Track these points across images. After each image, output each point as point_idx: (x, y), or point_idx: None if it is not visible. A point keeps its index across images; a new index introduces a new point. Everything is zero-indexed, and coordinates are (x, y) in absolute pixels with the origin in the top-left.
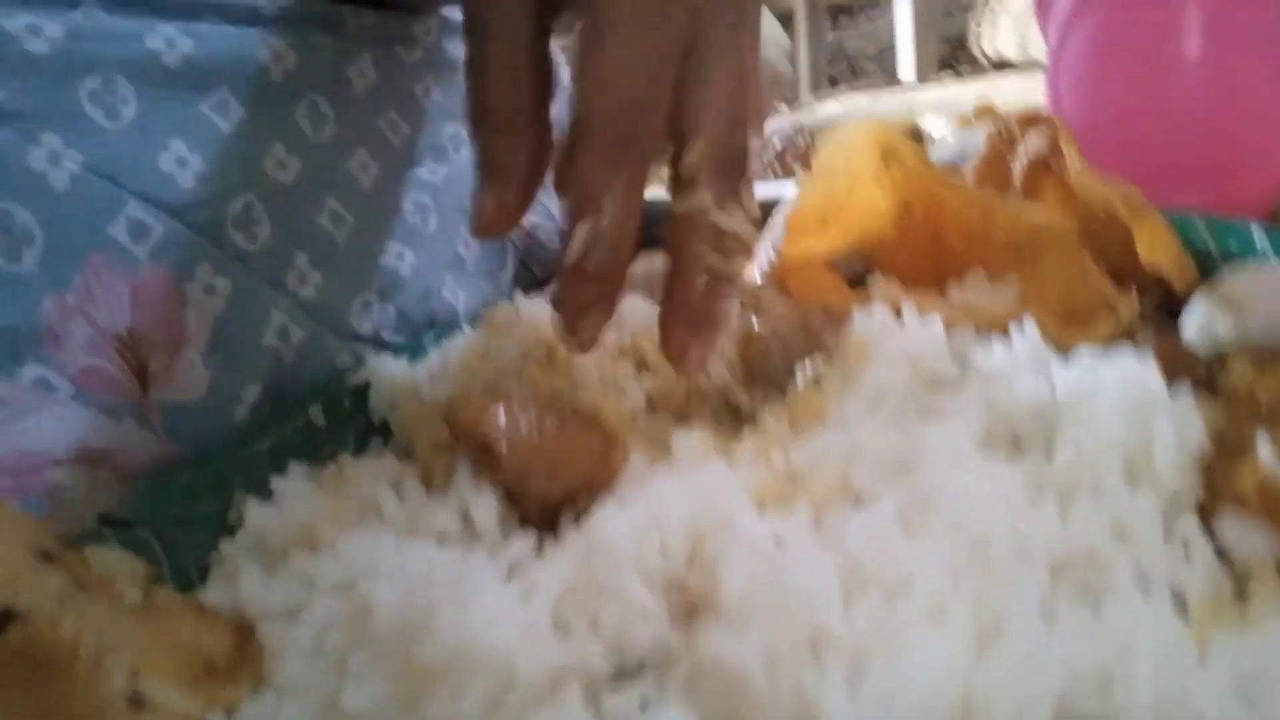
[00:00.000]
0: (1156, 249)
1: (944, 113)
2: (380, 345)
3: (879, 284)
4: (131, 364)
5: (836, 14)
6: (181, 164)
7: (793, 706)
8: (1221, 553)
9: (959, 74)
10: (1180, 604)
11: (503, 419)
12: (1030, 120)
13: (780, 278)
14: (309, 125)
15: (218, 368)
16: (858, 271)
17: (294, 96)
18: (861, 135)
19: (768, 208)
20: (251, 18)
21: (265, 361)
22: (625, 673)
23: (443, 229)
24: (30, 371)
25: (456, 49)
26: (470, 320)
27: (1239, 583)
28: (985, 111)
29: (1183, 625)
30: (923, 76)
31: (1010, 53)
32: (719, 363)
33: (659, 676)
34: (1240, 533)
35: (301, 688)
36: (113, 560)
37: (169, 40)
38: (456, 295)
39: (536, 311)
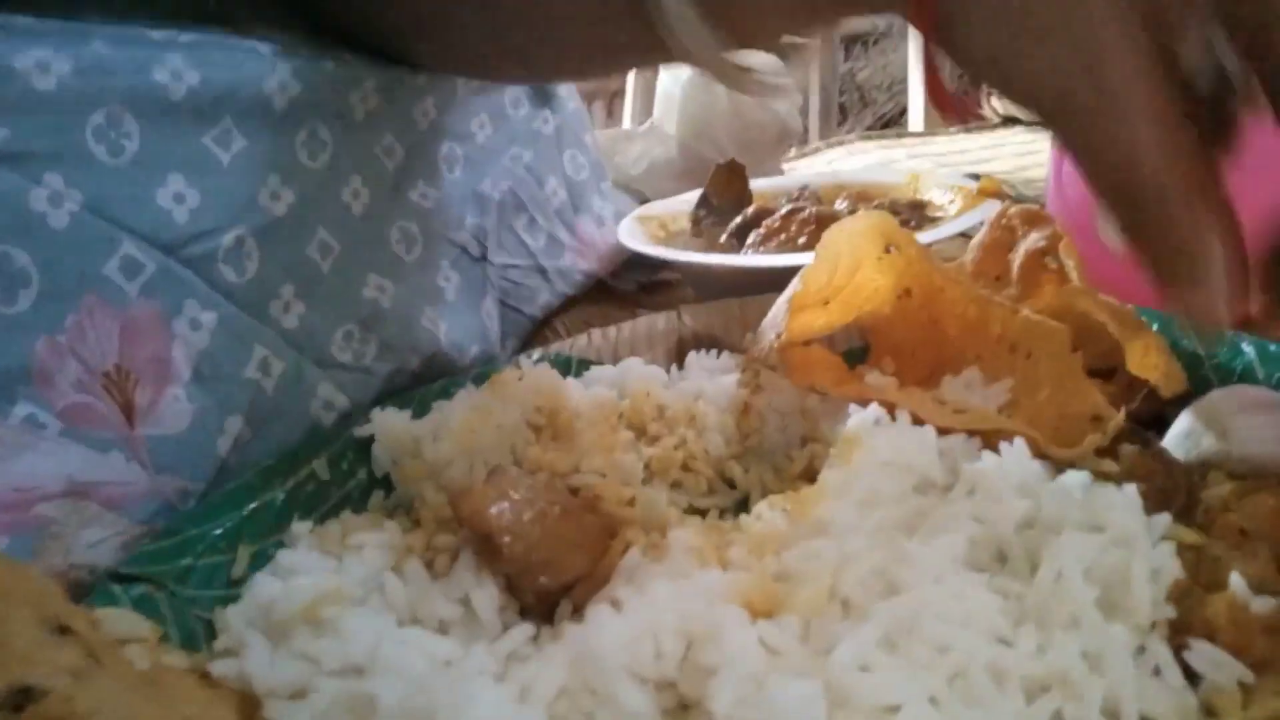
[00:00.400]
0: (1146, 365)
1: (950, 172)
2: (363, 373)
3: (876, 365)
4: (118, 399)
5: (850, 44)
6: (179, 200)
7: None
8: (1191, 677)
9: (968, 128)
10: None
11: (507, 512)
12: (1032, 218)
13: (782, 355)
14: (306, 154)
15: (201, 401)
16: (855, 348)
17: (296, 124)
18: (865, 224)
19: (786, 275)
20: (244, 53)
21: (247, 394)
22: None
23: (425, 259)
24: (20, 410)
25: None
26: (454, 348)
27: (1207, 708)
28: (990, 188)
29: None
30: (931, 125)
31: (1019, 112)
32: (716, 433)
33: None
34: (1210, 659)
35: None
36: (122, 622)
37: (176, 72)
38: (436, 325)
39: (536, 375)
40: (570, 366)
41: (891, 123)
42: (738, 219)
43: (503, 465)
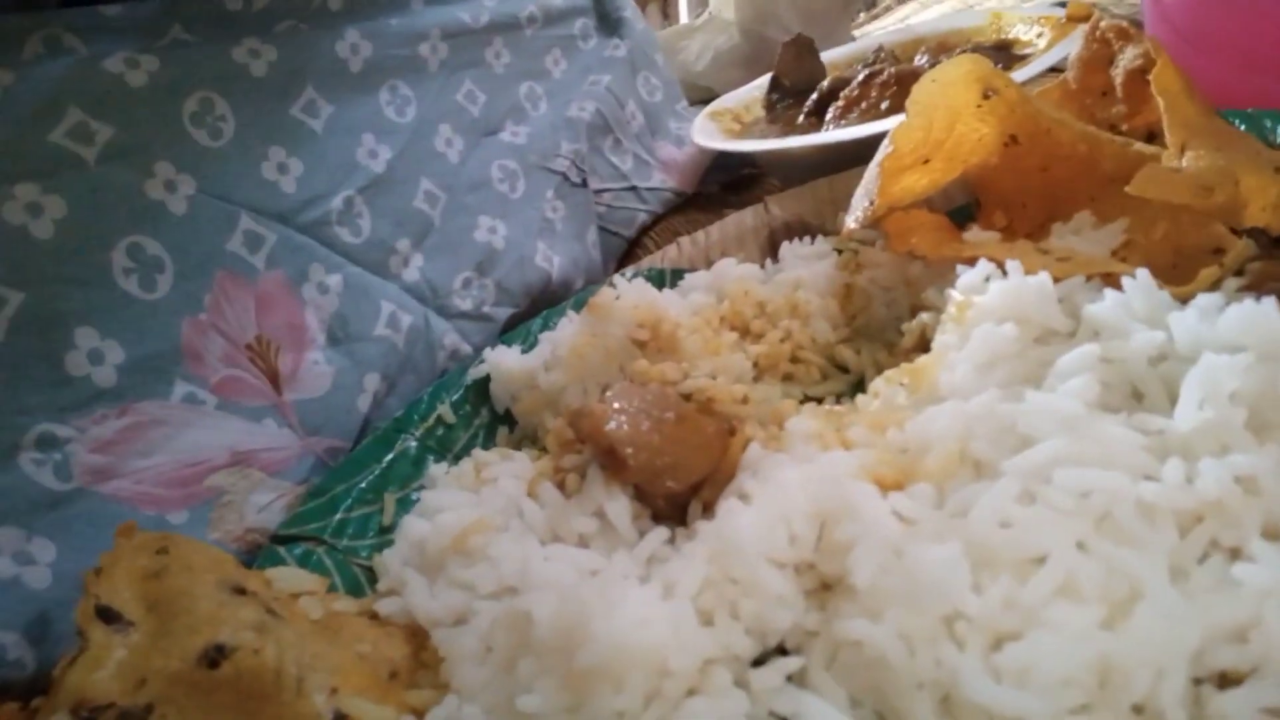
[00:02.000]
0: (1257, 198)
1: (1034, 3)
2: (481, 320)
3: (987, 220)
4: (264, 368)
5: None
6: (282, 170)
7: (933, 681)
8: None
9: None
10: None
11: (625, 425)
12: (1124, 34)
13: (880, 222)
14: (393, 110)
15: (339, 362)
16: (960, 205)
17: (375, 84)
18: (958, 71)
19: (873, 144)
20: (323, 13)
21: (380, 351)
22: (768, 653)
23: (530, 193)
24: (180, 390)
25: (519, 6)
26: (563, 283)
27: None
28: (1079, 13)
29: None
30: None
31: None
32: (821, 319)
33: (800, 655)
34: None
35: (478, 689)
36: (291, 578)
37: (253, 50)
38: (550, 260)
39: (633, 292)
40: (665, 279)
41: None
42: (814, 96)
43: (614, 382)
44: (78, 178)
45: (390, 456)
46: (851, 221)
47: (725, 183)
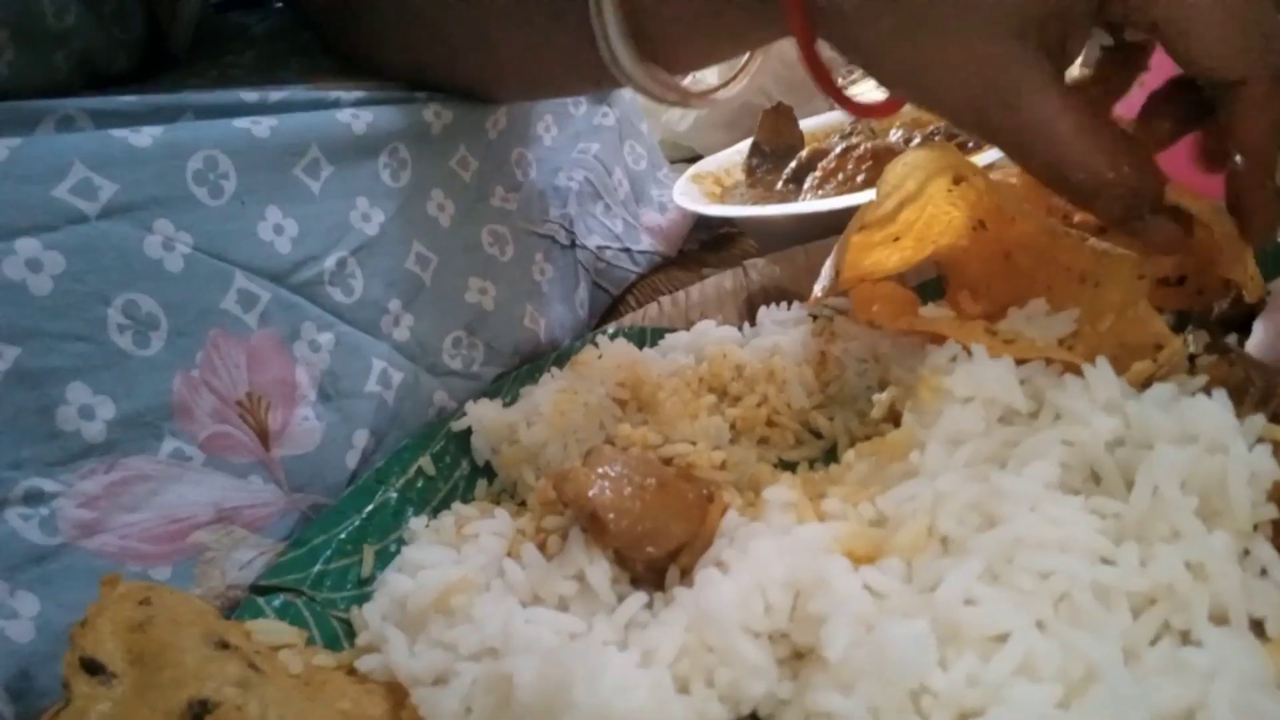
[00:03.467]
0: (1237, 270)
1: None
2: (470, 379)
3: (954, 298)
4: (253, 425)
5: None
6: (279, 230)
7: None
8: None
9: None
10: (1259, 631)
11: (608, 490)
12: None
13: (845, 290)
14: (389, 174)
15: (329, 418)
16: (929, 280)
17: (376, 148)
18: (929, 155)
19: (847, 215)
20: (333, 105)
21: (370, 407)
22: None
23: (519, 257)
24: (168, 445)
25: None
26: (550, 343)
27: None
28: None
29: (1262, 652)
30: None
31: None
32: (797, 385)
33: None
34: None
35: None
36: (271, 630)
37: (256, 119)
38: (537, 322)
39: (615, 351)
40: (645, 337)
41: None
42: (792, 163)
43: (597, 445)
44: (78, 233)
45: (370, 508)
46: (819, 289)
47: (705, 241)
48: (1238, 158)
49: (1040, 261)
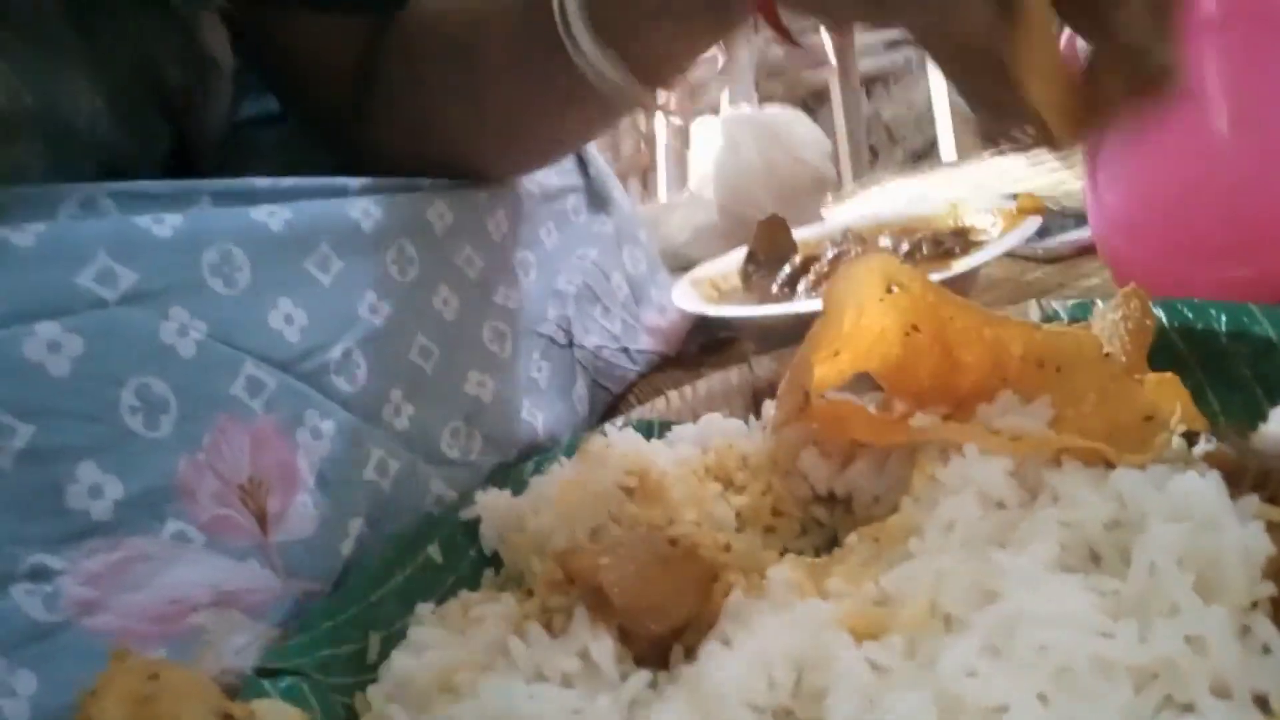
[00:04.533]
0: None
1: (989, 199)
2: (469, 468)
3: (884, 408)
4: (253, 509)
5: (870, 84)
6: (289, 320)
7: None
8: None
9: (1001, 150)
10: (1263, 706)
11: (613, 566)
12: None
13: (812, 415)
14: (396, 270)
15: (326, 505)
16: (874, 397)
17: (383, 244)
18: (864, 267)
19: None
20: (340, 191)
21: (367, 495)
22: None
23: (517, 354)
24: (170, 526)
25: (519, 182)
26: (549, 437)
27: None
28: (1029, 206)
29: None
30: (963, 149)
31: None
32: (799, 478)
33: None
34: None
35: None
36: (275, 712)
37: (271, 211)
38: (535, 416)
39: (623, 440)
40: (653, 429)
41: (922, 157)
42: (786, 269)
43: (603, 524)
44: (98, 318)
45: (378, 594)
46: (782, 416)
47: (703, 344)
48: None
49: (988, 355)
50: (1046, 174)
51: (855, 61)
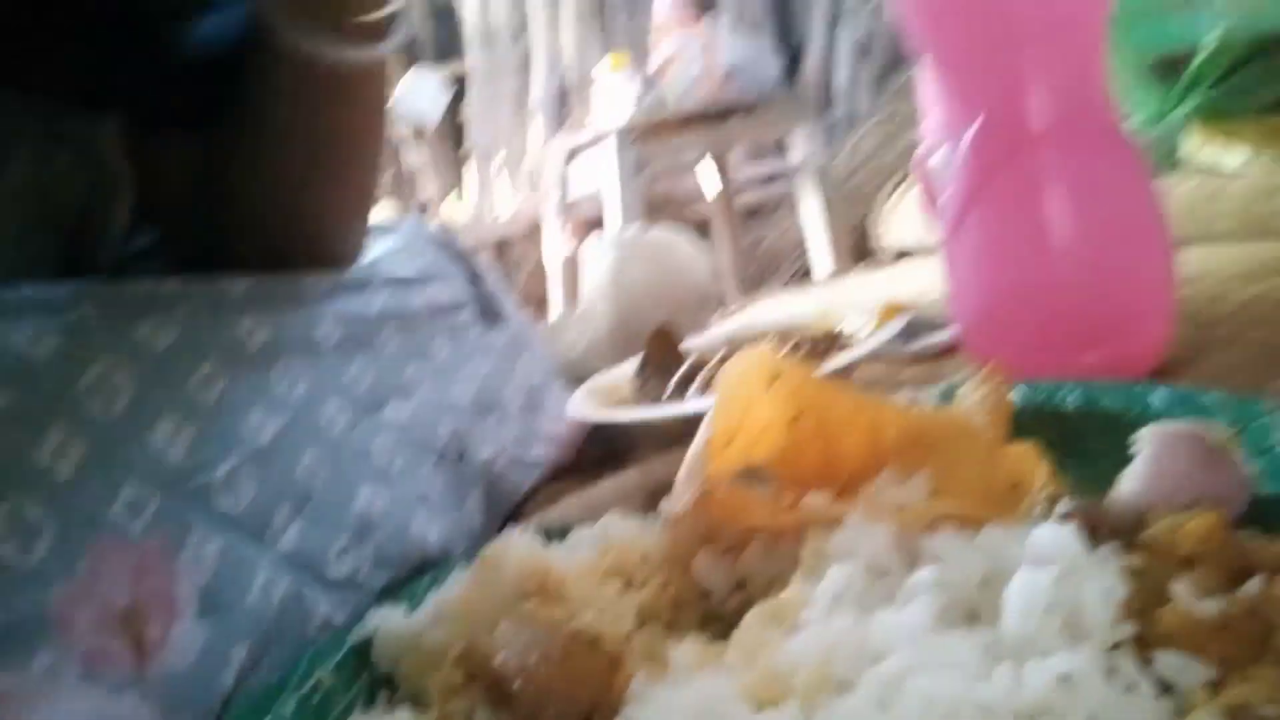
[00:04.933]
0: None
1: (859, 307)
2: (358, 589)
3: (773, 496)
4: (131, 639)
5: (749, 215)
6: (171, 440)
7: None
8: (1163, 686)
9: (870, 264)
10: None
11: (513, 658)
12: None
13: (707, 508)
14: (284, 386)
15: (207, 633)
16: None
17: (270, 361)
18: (748, 361)
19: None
20: (222, 299)
21: (250, 621)
22: None
23: (408, 468)
24: (42, 659)
25: (409, 298)
26: (443, 551)
27: (1181, 711)
28: (893, 309)
29: None
30: (840, 267)
31: (909, 242)
32: (702, 570)
33: None
34: (1175, 666)
35: None
36: None
37: (156, 326)
38: (428, 530)
39: (521, 547)
40: (552, 535)
41: (804, 279)
42: (677, 375)
43: (503, 621)
44: None
45: None
46: (679, 508)
47: (600, 455)
48: None
49: (867, 439)
50: (911, 284)
51: (732, 197)
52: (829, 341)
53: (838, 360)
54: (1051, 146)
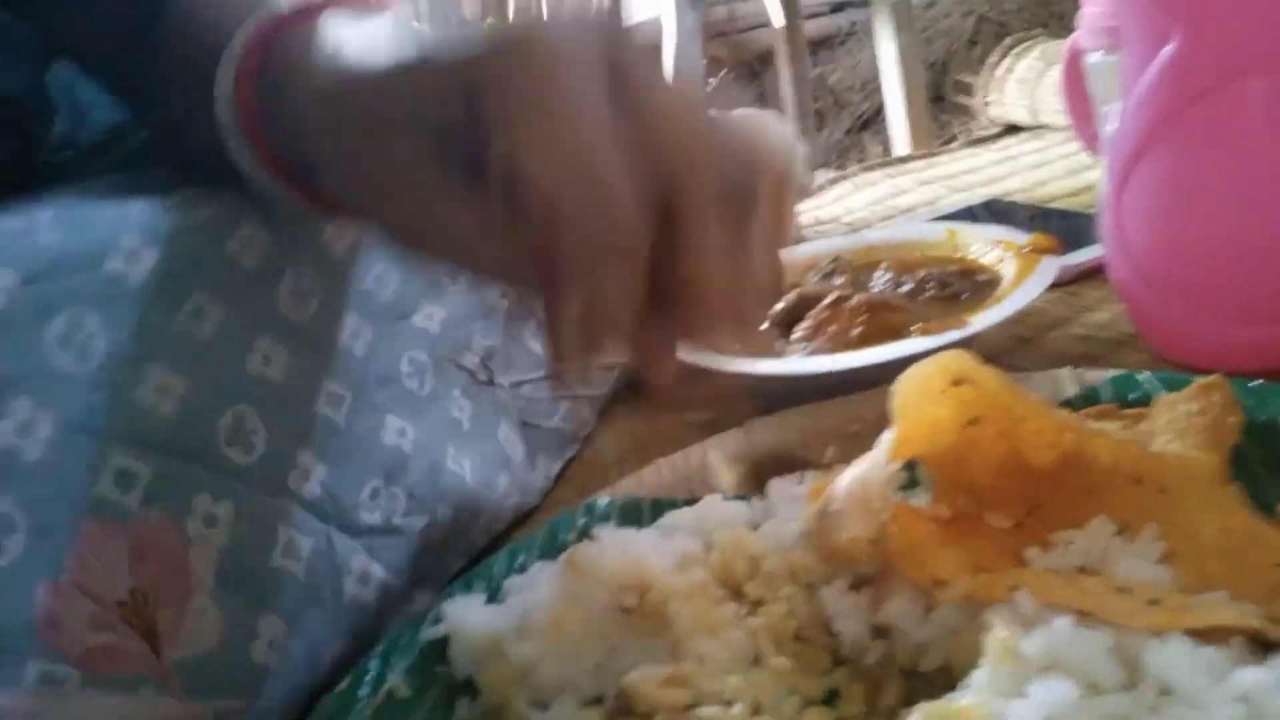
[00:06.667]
0: None
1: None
2: (395, 534)
3: (941, 504)
4: (139, 629)
5: (816, 48)
6: (162, 391)
7: None
8: None
9: (972, 141)
10: None
11: None
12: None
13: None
14: (292, 306)
15: (229, 606)
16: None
17: (273, 278)
18: (932, 367)
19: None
20: (214, 199)
21: (276, 586)
22: None
23: (438, 390)
24: (32, 670)
25: None
26: (480, 488)
27: None
28: (1043, 245)
29: None
30: (917, 132)
31: (1018, 116)
32: (826, 593)
33: None
34: None
35: None
36: None
37: (131, 254)
38: (461, 464)
39: (616, 546)
40: (643, 512)
41: (869, 123)
42: (779, 305)
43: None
44: None
45: None
46: (845, 541)
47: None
48: None
49: (1069, 462)
50: (1025, 171)
51: (801, 23)
52: (960, 280)
53: (982, 319)
54: (1262, 82)
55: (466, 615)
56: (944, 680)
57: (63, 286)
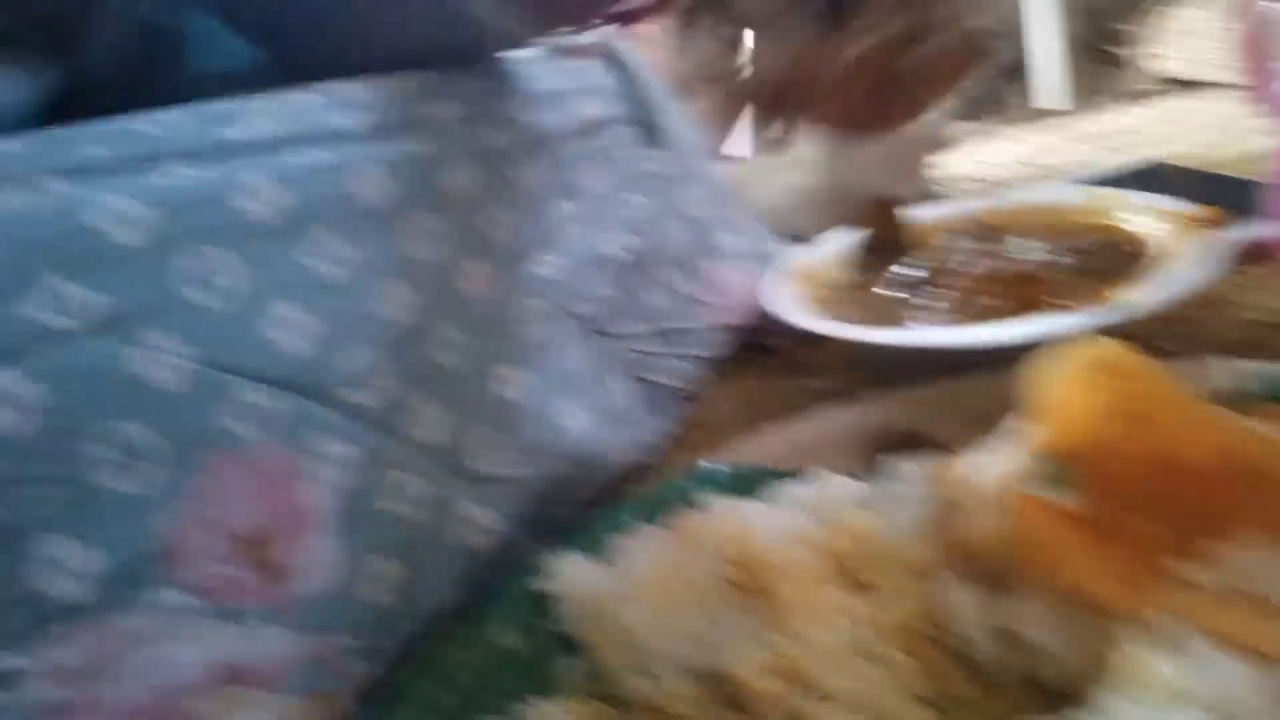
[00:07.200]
0: None
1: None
2: (506, 484)
3: (1081, 503)
4: (260, 562)
5: None
6: (285, 326)
7: None
8: None
9: (1129, 95)
10: None
11: None
12: None
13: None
14: (413, 246)
15: (347, 547)
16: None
17: (393, 218)
18: (1079, 359)
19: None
20: (335, 139)
21: (394, 529)
22: None
23: (549, 338)
24: (154, 596)
25: (544, 121)
26: (594, 440)
27: None
28: (1213, 218)
29: None
30: (1069, 78)
31: (1179, 70)
32: (950, 588)
33: None
34: None
35: None
36: None
37: (253, 191)
38: (575, 415)
39: (725, 515)
40: (751, 482)
41: (1011, 73)
42: (909, 271)
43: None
44: (53, 356)
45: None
46: (976, 530)
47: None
48: None
49: (1231, 474)
50: (1195, 131)
51: None
52: (1112, 250)
53: (1152, 297)
54: None
55: (575, 573)
56: (1061, 690)
57: (195, 221)
